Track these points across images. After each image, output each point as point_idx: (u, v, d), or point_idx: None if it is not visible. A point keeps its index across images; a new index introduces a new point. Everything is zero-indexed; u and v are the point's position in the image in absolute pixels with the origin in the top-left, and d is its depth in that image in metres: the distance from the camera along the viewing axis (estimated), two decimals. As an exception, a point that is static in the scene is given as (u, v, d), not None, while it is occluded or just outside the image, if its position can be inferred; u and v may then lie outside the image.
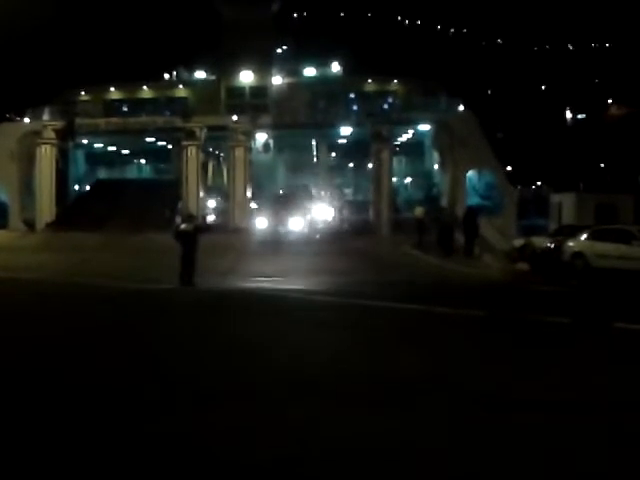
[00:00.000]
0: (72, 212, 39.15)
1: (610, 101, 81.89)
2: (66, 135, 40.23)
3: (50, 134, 39.61)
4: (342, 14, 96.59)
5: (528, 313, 12.63)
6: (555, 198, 38.89)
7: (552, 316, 11.94)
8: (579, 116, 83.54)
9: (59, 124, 40.08)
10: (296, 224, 31.99)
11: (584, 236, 22.33)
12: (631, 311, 13.53)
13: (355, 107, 49.14)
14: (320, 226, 35.08)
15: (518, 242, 28.41)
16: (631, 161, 60.46)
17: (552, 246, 23.93)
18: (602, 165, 68.36)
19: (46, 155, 39.52)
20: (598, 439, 5.44)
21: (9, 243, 31.10)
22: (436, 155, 44.02)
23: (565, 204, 36.48)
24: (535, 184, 63.50)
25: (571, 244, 22.55)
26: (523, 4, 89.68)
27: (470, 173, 41.30)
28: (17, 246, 29.88)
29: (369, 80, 52.36)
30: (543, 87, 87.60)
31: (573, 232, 23.98)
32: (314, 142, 48.70)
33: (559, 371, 7.90)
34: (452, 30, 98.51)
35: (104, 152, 48.76)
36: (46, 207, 39.22)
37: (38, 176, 39.50)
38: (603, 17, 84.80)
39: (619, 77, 78.10)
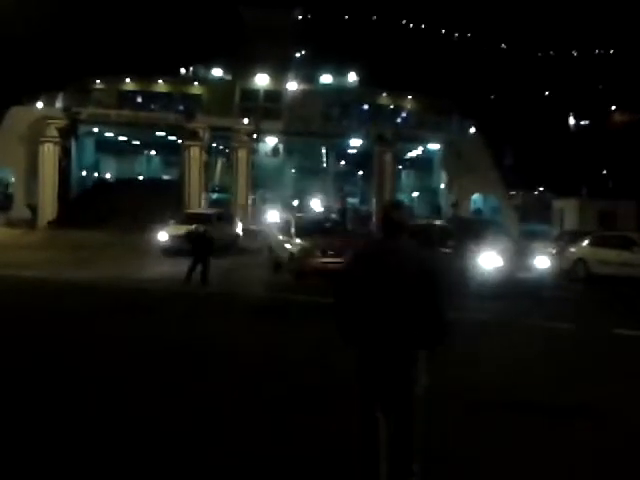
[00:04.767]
0: (74, 210, 39.05)
1: (613, 107, 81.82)
2: (69, 133, 40.17)
3: (53, 132, 39.49)
4: (347, 17, 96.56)
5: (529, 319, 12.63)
6: (558, 204, 38.85)
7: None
8: (582, 122, 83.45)
9: (62, 122, 39.93)
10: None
11: (586, 242, 22.28)
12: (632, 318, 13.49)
13: (368, 119, 48.45)
14: None
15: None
16: (634, 167, 60.36)
17: (554, 252, 23.87)
18: (605, 171, 68.26)
19: (49, 153, 39.44)
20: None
21: (9, 241, 31.00)
22: (443, 174, 43.35)
23: (567, 210, 36.46)
24: (538, 189, 63.42)
25: (573, 250, 22.50)
26: (527, 10, 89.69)
27: (476, 195, 41.12)
28: (18, 244, 29.79)
29: (384, 94, 52.14)
30: (547, 93, 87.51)
31: (575, 238, 23.94)
32: (324, 149, 48.59)
33: None
34: (456, 34, 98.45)
35: (115, 141, 48.67)
36: (48, 205, 39.17)
37: (40, 174, 39.39)
38: (607, 23, 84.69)
39: (623, 83, 77.97)
